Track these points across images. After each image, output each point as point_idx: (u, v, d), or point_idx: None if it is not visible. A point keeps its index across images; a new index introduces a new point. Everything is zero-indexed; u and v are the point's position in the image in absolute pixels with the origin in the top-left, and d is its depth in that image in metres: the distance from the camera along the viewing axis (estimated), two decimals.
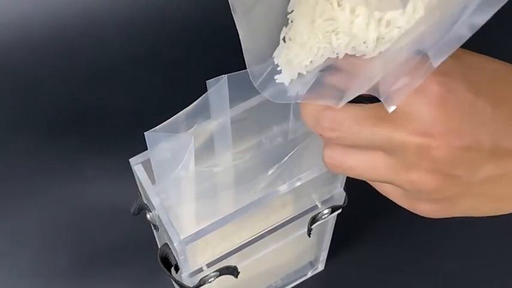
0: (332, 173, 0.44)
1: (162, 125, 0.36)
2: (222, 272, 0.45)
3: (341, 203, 0.48)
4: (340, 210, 0.49)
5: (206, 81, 0.36)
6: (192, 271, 0.44)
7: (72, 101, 0.70)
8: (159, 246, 0.43)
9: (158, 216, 0.41)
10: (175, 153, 0.36)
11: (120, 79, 0.71)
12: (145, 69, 0.72)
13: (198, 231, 0.40)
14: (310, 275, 0.61)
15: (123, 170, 0.45)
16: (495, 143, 0.28)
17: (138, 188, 0.44)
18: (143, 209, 0.44)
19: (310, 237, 0.48)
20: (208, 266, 0.44)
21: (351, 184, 0.47)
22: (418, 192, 0.30)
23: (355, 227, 0.62)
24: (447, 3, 0.26)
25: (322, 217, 0.47)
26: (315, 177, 0.42)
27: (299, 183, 0.42)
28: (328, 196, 0.47)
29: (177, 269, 0.43)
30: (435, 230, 0.63)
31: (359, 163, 0.30)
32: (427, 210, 0.31)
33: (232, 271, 0.46)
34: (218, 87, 0.36)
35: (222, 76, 0.35)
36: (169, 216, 0.40)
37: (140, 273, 0.60)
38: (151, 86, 0.72)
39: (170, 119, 0.36)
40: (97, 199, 0.64)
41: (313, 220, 0.47)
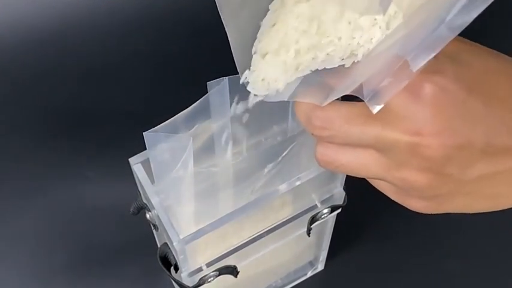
0: (332, 172, 0.44)
1: (161, 125, 0.35)
2: (222, 272, 0.45)
3: (341, 202, 0.48)
4: (339, 210, 0.48)
5: (207, 82, 0.36)
6: (191, 270, 0.44)
7: (71, 101, 0.70)
8: (159, 246, 0.43)
9: (158, 215, 0.41)
10: (174, 153, 0.36)
11: (120, 79, 0.71)
12: (145, 70, 0.72)
13: (198, 231, 0.40)
14: (310, 274, 0.61)
15: (123, 170, 0.45)
16: (487, 141, 0.28)
17: (137, 188, 0.44)
18: (143, 208, 0.44)
19: (309, 236, 0.48)
20: (208, 265, 0.44)
21: (350, 183, 0.47)
22: (409, 189, 0.30)
23: (355, 226, 0.62)
24: (426, 11, 0.26)
25: (322, 217, 0.47)
26: (315, 177, 0.42)
27: (298, 183, 0.42)
28: (327, 195, 0.47)
29: (176, 268, 0.43)
30: (435, 230, 0.63)
31: (351, 160, 0.30)
32: (419, 206, 0.31)
33: (232, 271, 0.46)
34: (219, 89, 0.36)
35: (223, 78, 0.35)
36: (169, 215, 0.40)
37: (140, 273, 0.60)
38: (151, 86, 0.72)
39: (170, 120, 0.36)
40: (96, 199, 0.64)
41: (313, 220, 0.47)
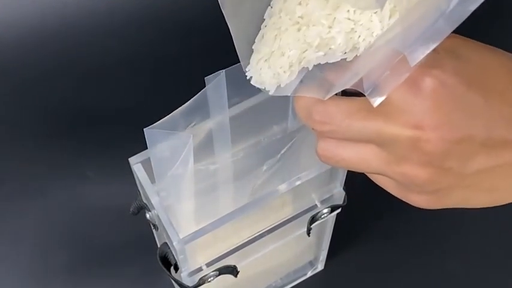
0: (332, 172, 0.44)
1: (161, 121, 0.36)
2: (222, 272, 0.45)
3: (340, 202, 0.48)
4: (339, 210, 0.48)
5: (205, 77, 0.36)
6: (191, 270, 0.44)
7: (71, 101, 0.70)
8: (159, 246, 0.43)
9: (157, 215, 0.41)
10: (174, 150, 0.36)
11: (120, 79, 0.71)
12: (145, 70, 0.72)
13: (197, 231, 0.40)
14: (309, 274, 0.61)
15: (123, 170, 0.45)
16: (487, 134, 0.28)
17: (137, 188, 0.44)
18: (143, 208, 0.44)
19: (309, 236, 0.48)
20: (208, 265, 0.44)
21: (350, 183, 0.47)
22: (410, 184, 0.30)
23: (355, 226, 0.62)
24: (423, 5, 0.26)
25: (322, 216, 0.47)
26: (315, 177, 0.42)
27: (298, 183, 0.42)
28: (327, 195, 0.47)
29: (176, 268, 0.43)
30: (435, 230, 0.63)
31: (351, 155, 0.30)
32: (420, 201, 0.31)
33: (232, 270, 0.46)
34: (216, 83, 0.36)
35: (220, 71, 0.35)
36: (169, 215, 0.40)
37: (140, 272, 0.60)
38: (151, 86, 0.72)
39: (169, 115, 0.36)
40: (96, 199, 0.64)
41: (313, 219, 0.47)
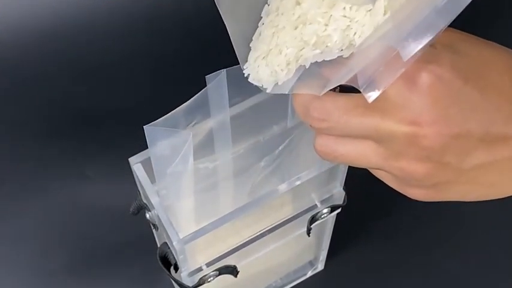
0: (331, 172, 0.44)
1: (161, 119, 0.36)
2: (222, 272, 0.45)
3: (340, 202, 0.48)
4: (339, 210, 0.48)
5: (205, 76, 0.36)
6: (191, 270, 0.44)
7: (71, 101, 0.70)
8: (159, 246, 0.43)
9: (157, 215, 0.41)
10: (174, 148, 0.36)
11: (119, 79, 0.71)
12: (145, 70, 0.72)
13: (197, 231, 0.40)
14: (309, 274, 0.61)
15: (123, 170, 0.45)
16: (485, 129, 0.28)
17: (137, 188, 0.44)
18: (142, 208, 0.44)
19: (309, 236, 0.48)
20: (208, 265, 0.44)
21: (350, 183, 0.47)
22: (408, 178, 0.30)
23: (355, 226, 0.62)
24: (415, 1, 0.26)
25: (322, 216, 0.47)
26: (314, 176, 0.42)
27: (298, 183, 0.42)
28: (327, 195, 0.47)
29: (176, 268, 0.43)
30: (435, 230, 0.63)
31: (350, 151, 0.31)
32: (418, 194, 0.31)
33: (232, 270, 0.46)
34: (217, 82, 0.36)
35: (221, 70, 0.36)
36: (169, 215, 0.40)
37: (140, 272, 0.60)
38: (151, 86, 0.72)
39: (169, 113, 0.36)
40: (96, 199, 0.64)
41: (313, 219, 0.47)
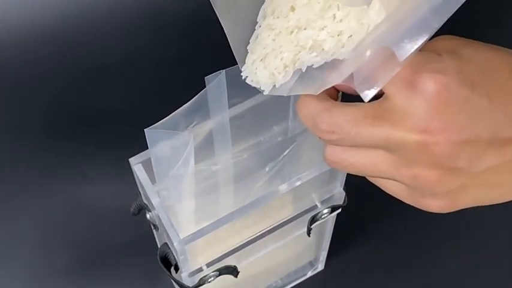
0: (332, 172, 0.44)
1: (161, 121, 0.36)
2: (222, 272, 0.45)
3: (341, 202, 0.48)
4: (339, 210, 0.48)
5: (205, 77, 0.36)
6: (191, 271, 0.44)
7: (71, 100, 0.70)
8: (159, 246, 0.43)
9: (158, 216, 0.41)
10: (175, 150, 0.36)
11: (119, 79, 0.71)
12: (145, 70, 0.72)
13: (198, 231, 0.40)
14: (310, 274, 0.61)
15: (123, 170, 0.45)
16: (494, 133, 0.28)
17: (137, 188, 0.44)
18: (143, 208, 0.44)
19: (309, 236, 0.48)
20: (208, 265, 0.44)
21: (350, 184, 0.47)
22: (421, 187, 0.30)
23: (355, 226, 0.62)
24: (408, 2, 0.27)
25: (322, 217, 0.47)
26: (315, 177, 0.42)
27: (299, 183, 0.42)
28: (327, 196, 0.47)
29: (176, 268, 0.43)
30: (435, 230, 0.63)
31: (360, 160, 0.31)
32: (432, 205, 0.31)
33: (232, 271, 0.46)
34: (216, 83, 0.36)
35: (221, 71, 0.36)
36: (169, 215, 0.40)
37: (140, 273, 0.60)
38: (151, 86, 0.72)
39: (169, 116, 0.36)
40: (96, 199, 0.64)
41: (313, 220, 0.47)
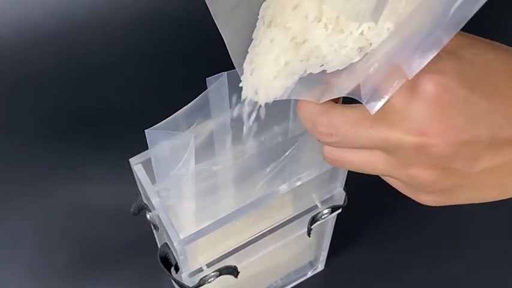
0: (332, 173, 0.44)
1: (162, 122, 0.36)
2: (222, 272, 0.45)
3: (341, 202, 0.48)
4: (340, 210, 0.49)
5: (206, 78, 0.36)
6: (192, 271, 0.44)
7: (71, 100, 0.70)
8: (159, 246, 0.43)
9: (158, 216, 0.41)
10: (175, 151, 0.36)
11: (119, 79, 0.71)
12: (145, 69, 0.72)
13: (198, 231, 0.40)
14: (310, 274, 0.61)
15: (123, 170, 0.45)
16: (493, 134, 0.28)
17: (137, 188, 0.44)
18: (143, 208, 0.44)
19: (310, 237, 0.48)
20: (208, 265, 0.44)
21: (350, 184, 0.47)
22: (417, 185, 0.30)
23: (355, 227, 0.62)
24: (417, 18, 0.27)
25: (322, 217, 0.47)
26: (315, 177, 0.42)
27: (299, 183, 0.42)
28: (328, 196, 0.47)
29: (177, 268, 0.43)
30: (435, 230, 0.63)
31: (358, 159, 0.31)
32: (427, 199, 0.31)
33: (232, 271, 0.46)
34: (218, 84, 0.36)
35: (222, 73, 0.36)
36: (169, 216, 0.40)
37: (140, 273, 0.60)
38: (151, 86, 0.72)
39: (170, 117, 0.36)
40: (97, 199, 0.64)
41: (313, 220, 0.47)
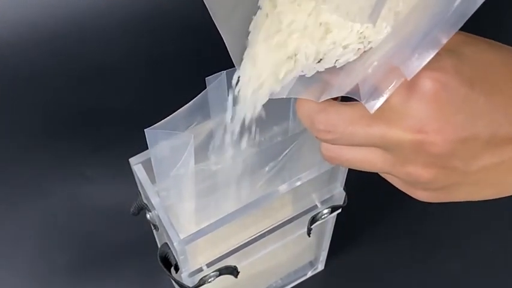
0: (332, 173, 0.44)
1: (161, 122, 0.36)
2: (222, 272, 0.45)
3: (341, 202, 0.48)
4: (339, 210, 0.49)
5: (205, 78, 0.36)
6: (191, 271, 0.44)
7: (71, 101, 0.70)
8: (159, 246, 0.43)
9: (158, 216, 0.41)
10: (175, 151, 0.36)
11: (119, 79, 0.71)
12: (145, 69, 0.72)
13: (198, 231, 0.40)
14: (310, 274, 0.61)
15: (123, 170, 0.45)
16: (491, 132, 0.28)
17: (137, 188, 0.44)
18: (143, 208, 0.44)
19: (309, 237, 0.48)
20: (208, 265, 0.44)
21: (350, 184, 0.47)
22: (415, 182, 0.30)
23: (355, 227, 0.62)
24: (415, 18, 0.26)
25: (322, 217, 0.47)
26: (315, 177, 0.42)
27: (299, 183, 0.42)
28: (328, 196, 0.47)
29: (177, 268, 0.43)
30: (435, 230, 0.63)
31: (355, 157, 0.31)
32: (425, 196, 0.31)
33: (232, 271, 0.46)
34: (217, 84, 0.36)
35: (221, 72, 0.36)
36: (169, 216, 0.40)
37: (140, 273, 0.60)
38: (151, 85, 0.72)
39: (170, 116, 0.36)
40: (97, 199, 0.64)
41: (313, 220, 0.47)
